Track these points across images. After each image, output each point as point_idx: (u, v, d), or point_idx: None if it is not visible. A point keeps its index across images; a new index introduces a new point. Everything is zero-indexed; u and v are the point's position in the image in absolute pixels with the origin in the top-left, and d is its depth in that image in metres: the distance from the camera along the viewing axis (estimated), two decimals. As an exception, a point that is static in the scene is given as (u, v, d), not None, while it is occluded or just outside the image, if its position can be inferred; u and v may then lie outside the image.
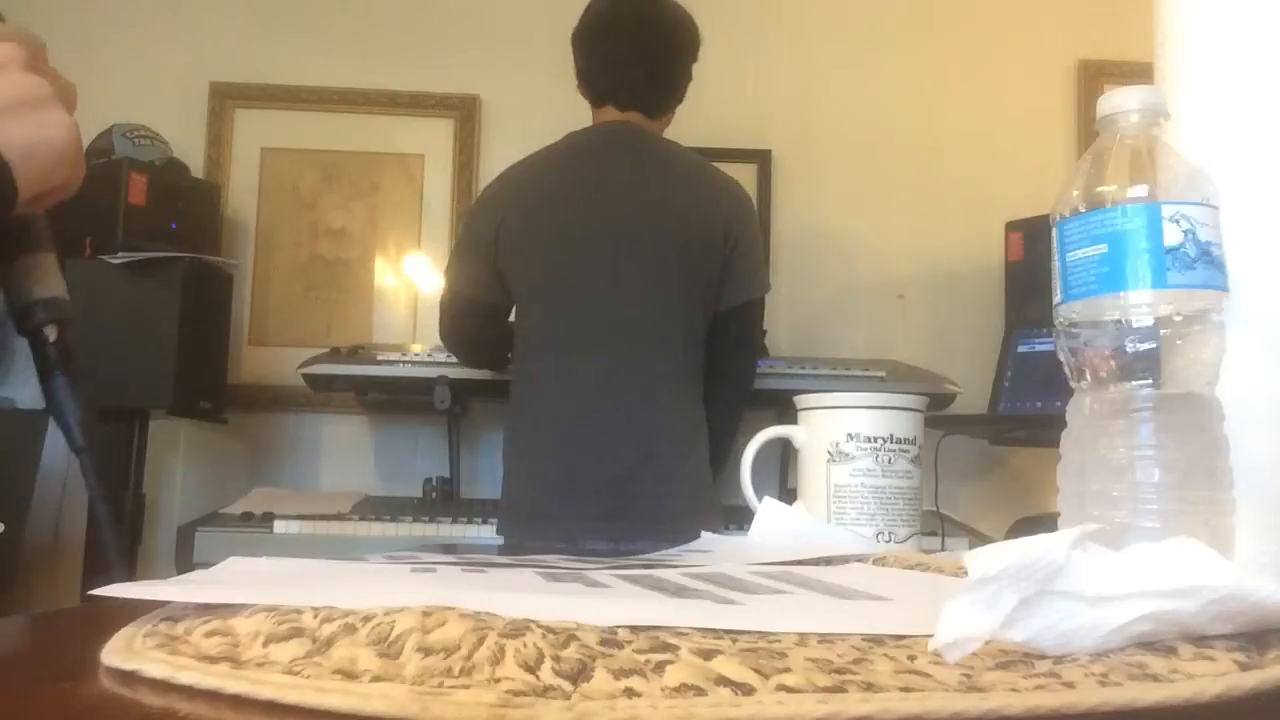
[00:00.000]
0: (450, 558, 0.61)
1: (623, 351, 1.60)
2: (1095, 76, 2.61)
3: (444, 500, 2.19)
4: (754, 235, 1.72)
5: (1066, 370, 0.51)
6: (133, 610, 0.34)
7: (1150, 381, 0.47)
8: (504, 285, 1.68)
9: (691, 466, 1.60)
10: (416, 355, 2.19)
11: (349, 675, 0.26)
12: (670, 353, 1.61)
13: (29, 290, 0.63)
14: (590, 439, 1.57)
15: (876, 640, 0.29)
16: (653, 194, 1.65)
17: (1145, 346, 0.47)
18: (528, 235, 1.65)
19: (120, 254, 2.03)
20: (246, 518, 1.98)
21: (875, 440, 0.80)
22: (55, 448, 2.26)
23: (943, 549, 1.58)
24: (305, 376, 2.15)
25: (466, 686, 0.24)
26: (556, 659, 0.26)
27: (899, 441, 0.80)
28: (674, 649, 0.27)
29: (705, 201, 1.66)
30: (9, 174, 0.54)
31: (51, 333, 0.64)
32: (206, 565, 0.46)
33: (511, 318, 1.73)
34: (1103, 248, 0.48)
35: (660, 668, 0.26)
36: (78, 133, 0.58)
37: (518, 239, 1.65)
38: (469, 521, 1.98)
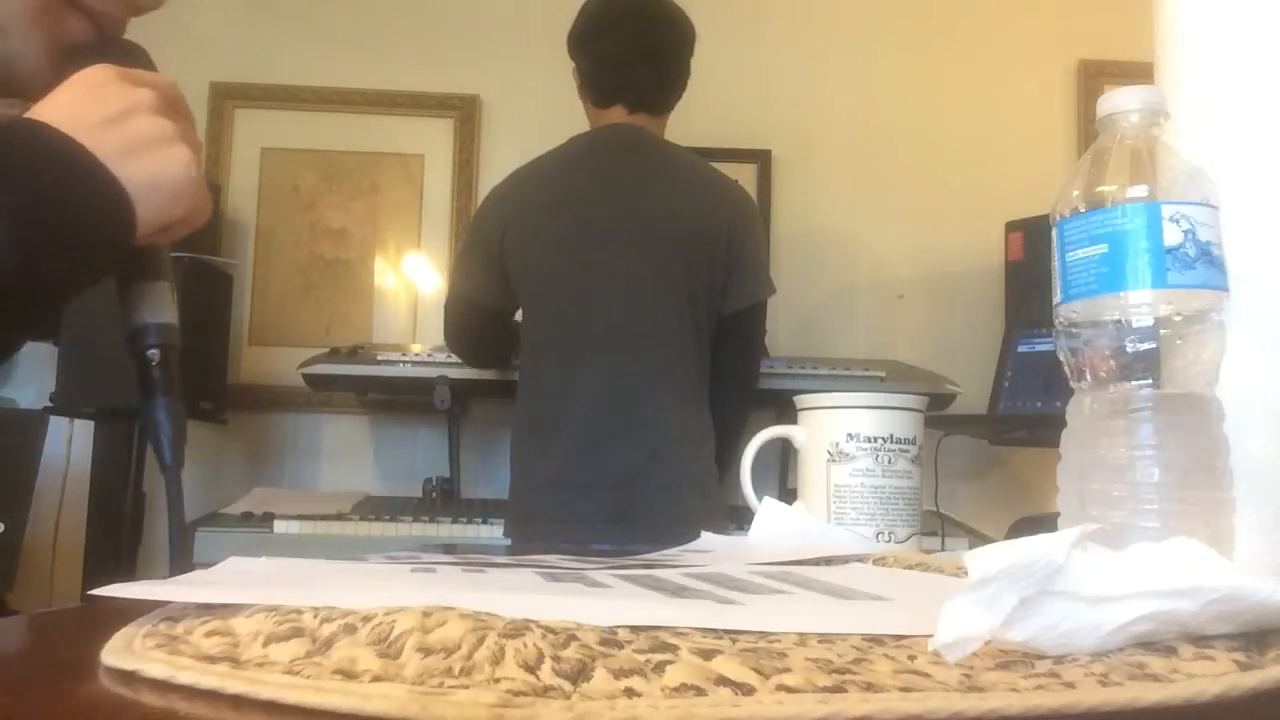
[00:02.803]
0: (450, 558, 0.61)
1: (628, 354, 1.60)
2: (1095, 76, 2.61)
3: (444, 500, 2.19)
4: (758, 239, 1.73)
5: (1066, 370, 0.51)
6: (133, 610, 0.34)
7: (1150, 381, 0.47)
8: (508, 288, 1.68)
9: (697, 469, 1.60)
10: (416, 355, 2.19)
11: (349, 675, 0.26)
12: (675, 356, 1.62)
13: (141, 315, 0.68)
14: (596, 441, 1.57)
15: (876, 640, 0.29)
16: (658, 198, 1.65)
17: (1145, 346, 0.47)
18: (533, 238, 1.65)
19: (120, 254, 2.03)
20: (246, 518, 1.98)
21: (875, 440, 0.80)
22: (55, 448, 2.27)
23: (943, 549, 1.58)
24: (305, 376, 2.15)
25: (466, 686, 0.24)
26: (556, 659, 0.26)
27: (899, 441, 0.80)
28: (674, 649, 0.27)
29: (709, 205, 1.67)
30: (131, 208, 0.59)
31: (155, 356, 0.67)
32: (206, 565, 0.46)
33: (517, 317, 1.73)
34: (1103, 248, 0.48)
35: (660, 668, 0.26)
36: (197, 170, 0.63)
37: (523, 242, 1.65)
38: (469, 521, 1.98)
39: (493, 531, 1.94)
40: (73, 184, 0.58)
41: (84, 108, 0.60)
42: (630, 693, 0.24)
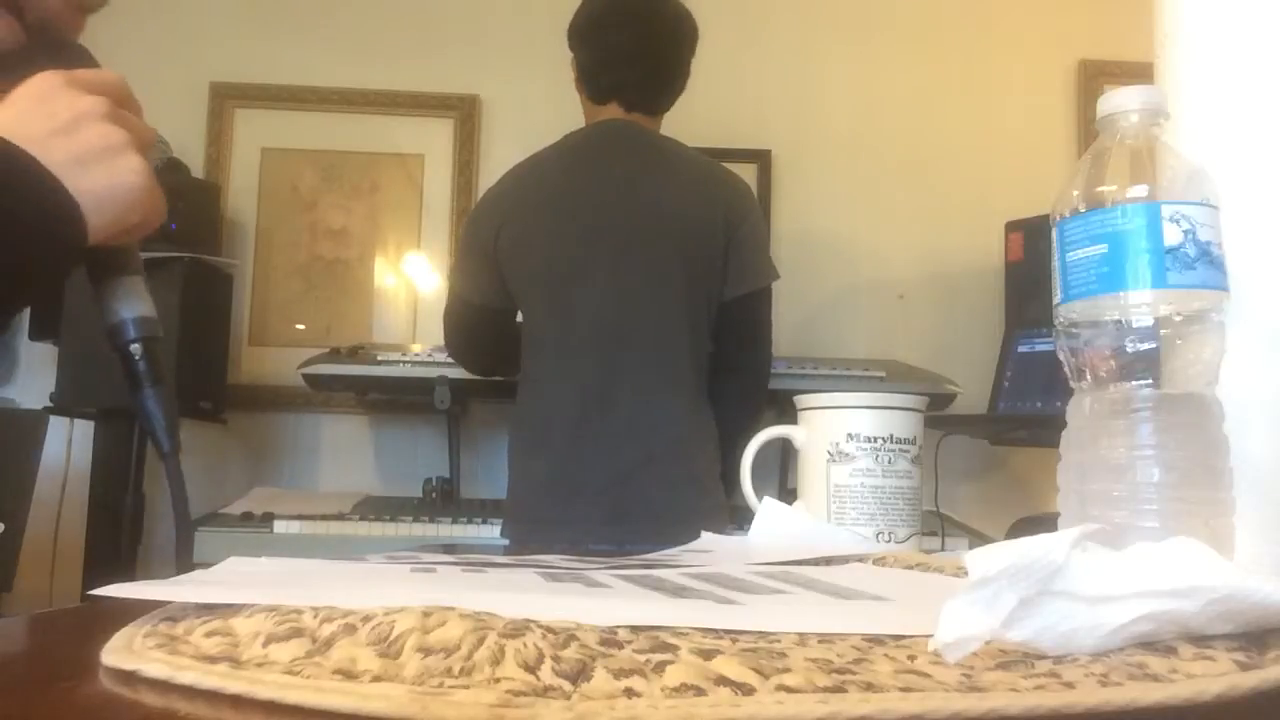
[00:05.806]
0: (450, 558, 0.61)
1: (625, 352, 1.59)
2: (1095, 76, 2.61)
3: (444, 500, 2.19)
4: (755, 225, 1.70)
5: (1066, 370, 0.51)
6: (133, 610, 0.34)
7: (1150, 381, 0.47)
8: (506, 288, 1.67)
9: (696, 467, 1.59)
10: (416, 355, 2.19)
11: (349, 675, 0.26)
12: (673, 353, 1.61)
13: (118, 311, 0.69)
14: (592, 441, 1.56)
15: (876, 640, 0.29)
16: (653, 193, 1.64)
17: (1145, 346, 0.47)
18: (529, 237, 1.64)
19: (120, 254, 2.03)
20: (246, 518, 1.98)
21: (875, 440, 0.80)
22: (55, 448, 2.27)
23: (943, 549, 1.58)
24: (305, 376, 2.15)
25: (466, 686, 0.24)
26: (556, 659, 0.26)
27: (899, 441, 0.80)
28: (674, 649, 0.27)
29: (704, 197, 1.65)
30: (81, 220, 0.60)
31: (138, 350, 0.69)
32: (206, 565, 0.46)
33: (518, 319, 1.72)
34: (1103, 248, 0.48)
35: (660, 668, 0.25)
36: (149, 177, 0.64)
37: (519, 241, 1.64)
38: (469, 521, 1.98)
39: (493, 531, 1.94)
40: (22, 196, 0.58)
41: (32, 119, 0.60)
42: (630, 693, 0.24)
